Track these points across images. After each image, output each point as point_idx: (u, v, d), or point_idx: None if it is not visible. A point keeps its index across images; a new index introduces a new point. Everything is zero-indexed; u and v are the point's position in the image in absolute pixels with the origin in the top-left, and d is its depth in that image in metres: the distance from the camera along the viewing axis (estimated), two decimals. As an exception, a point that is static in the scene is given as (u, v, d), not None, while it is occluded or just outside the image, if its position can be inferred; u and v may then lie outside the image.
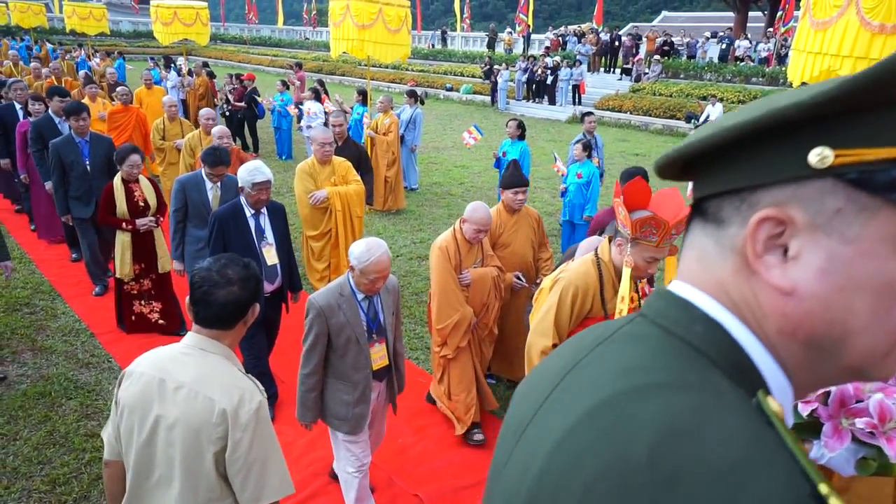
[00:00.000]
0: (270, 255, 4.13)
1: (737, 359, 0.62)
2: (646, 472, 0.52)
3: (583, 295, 2.89)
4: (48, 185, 6.37)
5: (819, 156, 0.56)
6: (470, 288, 4.02)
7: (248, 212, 4.06)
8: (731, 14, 30.69)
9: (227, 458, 1.75)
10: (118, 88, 8.84)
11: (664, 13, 46.39)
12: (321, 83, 12.80)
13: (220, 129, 6.12)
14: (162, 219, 5.30)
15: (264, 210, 4.12)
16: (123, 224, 5.05)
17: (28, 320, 5.54)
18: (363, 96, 10.59)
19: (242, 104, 12.57)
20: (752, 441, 0.53)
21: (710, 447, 0.52)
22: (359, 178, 5.57)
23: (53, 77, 11.18)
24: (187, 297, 1.88)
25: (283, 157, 12.69)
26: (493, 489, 0.74)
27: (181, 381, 1.79)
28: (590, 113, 8.42)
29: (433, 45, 31.53)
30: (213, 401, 1.76)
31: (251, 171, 3.91)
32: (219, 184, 4.83)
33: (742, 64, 21.12)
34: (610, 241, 2.91)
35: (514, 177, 4.47)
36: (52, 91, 6.89)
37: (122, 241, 5.12)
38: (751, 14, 28.10)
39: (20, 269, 6.65)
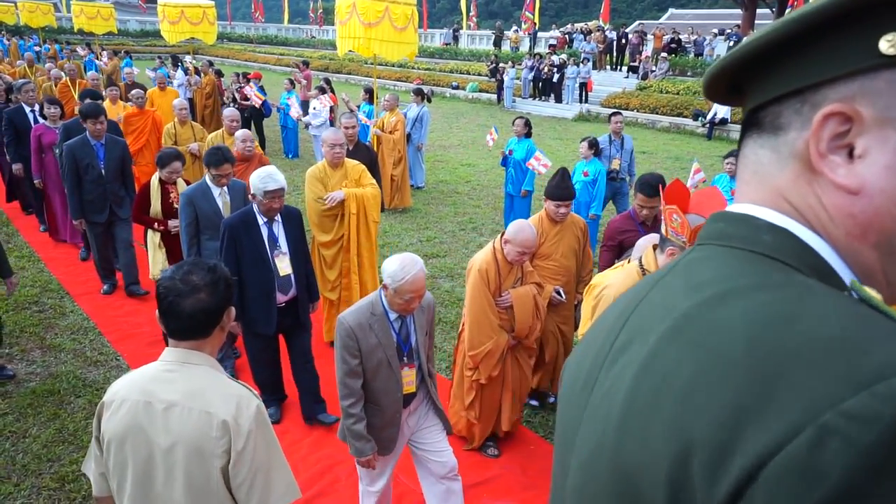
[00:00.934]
0: (283, 266, 3.94)
1: (813, 262, 0.58)
2: (748, 360, 0.48)
3: None
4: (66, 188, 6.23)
5: (891, 42, 0.53)
6: (511, 310, 3.76)
7: (261, 220, 3.89)
8: (738, 11, 30.51)
9: (231, 468, 1.66)
10: (132, 91, 8.63)
11: (671, 10, 46.14)
12: (327, 81, 12.81)
13: (244, 132, 5.98)
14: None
15: (278, 217, 3.95)
16: (155, 224, 5.05)
17: (37, 318, 5.57)
18: (370, 95, 10.59)
19: (248, 103, 12.59)
20: (862, 316, 0.49)
21: (816, 324, 0.48)
22: (374, 181, 5.32)
23: (68, 79, 10.88)
24: (157, 310, 1.76)
25: (290, 156, 12.72)
26: (565, 460, 0.69)
27: (170, 399, 1.68)
28: (617, 112, 8.27)
29: (448, 44, 31.35)
30: (209, 414, 1.66)
31: (263, 178, 3.72)
32: (226, 188, 4.66)
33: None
34: (655, 249, 2.69)
35: (559, 189, 4.17)
36: (84, 95, 6.73)
37: (154, 241, 5.12)
38: (759, 11, 27.91)
39: (29, 267, 6.69)
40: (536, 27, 27.80)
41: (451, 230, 8.48)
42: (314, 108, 11.43)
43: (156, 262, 5.14)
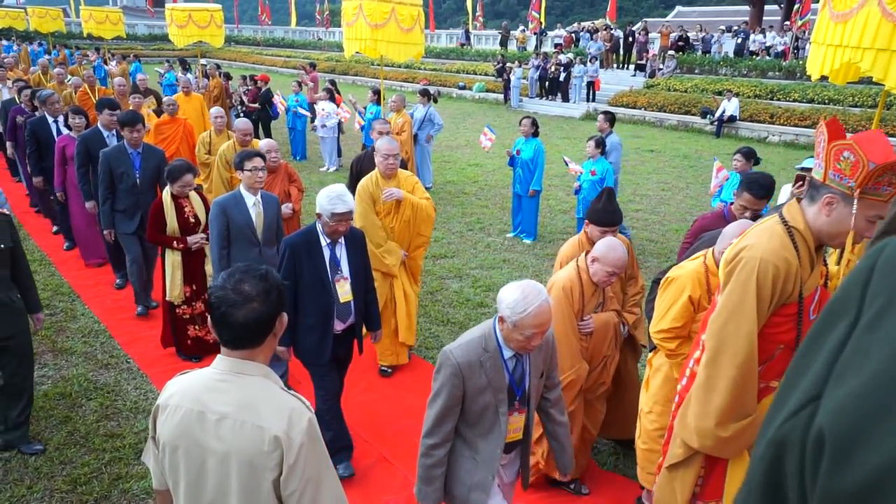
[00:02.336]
0: (344, 291, 3.65)
1: None
2: None
3: (784, 276, 2.20)
4: (89, 205, 6.07)
5: None
6: (591, 337, 3.42)
7: (324, 241, 3.59)
8: (745, 8, 30.36)
9: (283, 480, 1.68)
10: (165, 99, 8.30)
11: (678, 8, 45.94)
12: (333, 83, 12.85)
13: (269, 142, 5.80)
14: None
15: (341, 239, 3.66)
16: (174, 242, 4.78)
17: (48, 322, 5.60)
18: (377, 95, 10.61)
19: (257, 105, 12.65)
20: None
21: None
22: (428, 195, 4.99)
23: (87, 85, 10.57)
24: (209, 319, 1.76)
25: (298, 158, 12.75)
26: None
27: (223, 411, 1.68)
28: (605, 112, 8.28)
29: (463, 44, 31.22)
30: (262, 428, 1.66)
31: (332, 198, 3.40)
32: (259, 198, 4.46)
33: (758, 58, 20.87)
34: (800, 201, 2.27)
35: (606, 213, 3.69)
36: (101, 104, 6.58)
37: (172, 261, 4.83)
38: (766, 7, 27.76)
39: (40, 271, 6.73)
40: (542, 26, 27.74)
41: (459, 230, 8.47)
42: (322, 110, 11.46)
43: (174, 283, 4.83)
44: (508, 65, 22.12)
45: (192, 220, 4.85)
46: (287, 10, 45.63)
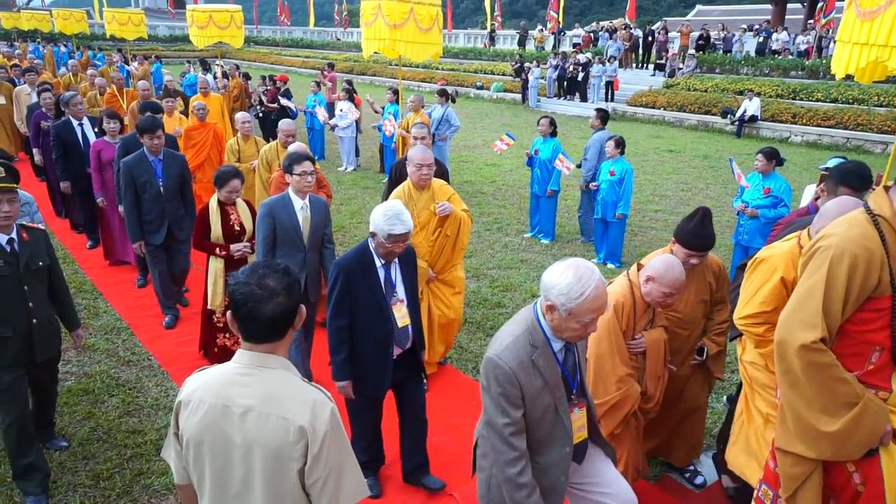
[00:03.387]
0: (402, 314, 3.39)
1: None
2: None
3: (865, 266, 2.06)
4: (122, 209, 5.82)
5: None
6: (642, 357, 3.19)
7: (378, 261, 3.31)
8: (767, 6, 29.98)
9: (307, 470, 1.72)
10: (195, 103, 8.18)
11: (698, 7, 45.52)
12: (349, 83, 12.90)
13: (299, 145, 5.66)
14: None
15: (395, 259, 3.39)
16: (217, 249, 4.69)
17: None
18: (395, 95, 10.63)
19: (275, 105, 12.74)
20: None
21: None
22: (465, 206, 4.75)
23: (114, 87, 10.43)
24: (228, 313, 1.79)
25: (316, 158, 12.81)
26: None
27: (247, 404, 1.72)
28: (598, 109, 8.31)
29: (487, 45, 31.11)
30: (286, 420, 1.70)
31: (389, 217, 3.11)
32: (307, 201, 4.28)
33: (780, 57, 20.59)
34: (888, 190, 2.17)
35: (699, 237, 3.24)
36: (144, 107, 6.43)
37: (215, 269, 4.74)
38: (789, 6, 27.37)
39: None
40: (560, 26, 27.63)
41: (477, 230, 8.46)
42: (341, 111, 11.51)
43: (216, 292, 4.75)
44: (526, 64, 22.06)
45: (237, 227, 4.74)
46: (306, 11, 45.91)
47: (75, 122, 6.95)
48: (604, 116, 8.07)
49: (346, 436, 1.82)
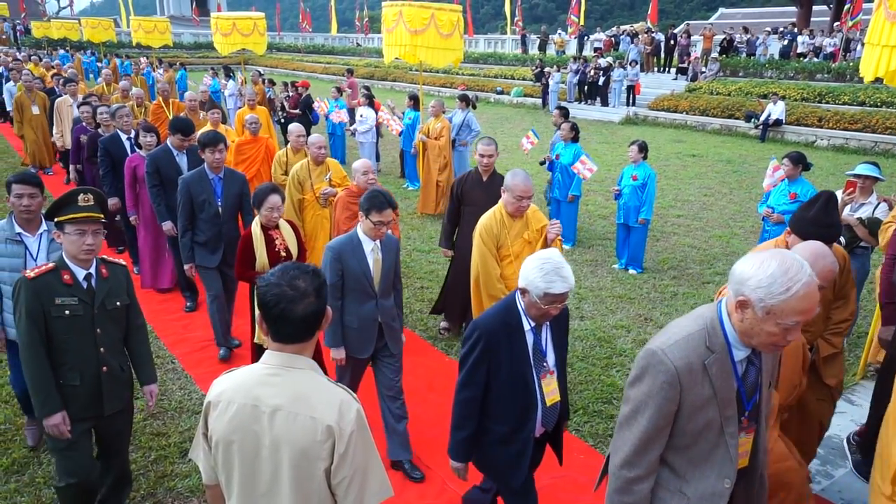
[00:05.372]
0: (551, 390, 2.74)
1: None
2: None
3: None
4: (166, 226, 5.64)
5: None
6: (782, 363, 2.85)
7: (528, 324, 2.68)
8: (791, 9, 29.61)
9: (333, 469, 1.75)
10: (247, 116, 7.83)
11: (721, 10, 45.06)
12: (367, 89, 12.99)
13: (364, 162, 5.17)
14: None
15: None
16: None
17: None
18: (414, 101, 10.67)
19: (297, 111, 12.87)
20: None
21: None
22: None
23: (161, 98, 9.89)
24: (258, 313, 1.81)
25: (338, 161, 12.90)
26: None
27: (276, 404, 1.74)
28: (559, 107, 8.90)
29: (526, 51, 30.83)
30: (314, 419, 1.72)
31: (547, 273, 2.49)
32: (378, 242, 3.67)
33: (805, 60, 20.29)
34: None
35: (822, 227, 2.82)
36: (175, 125, 5.85)
37: None
38: (815, 8, 26.99)
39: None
40: (581, 30, 27.54)
41: (497, 236, 8.43)
42: (361, 116, 11.58)
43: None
44: (547, 69, 22.01)
45: (283, 253, 4.31)
46: (327, 18, 46.35)
47: (123, 136, 6.61)
48: (566, 113, 8.69)
49: (371, 436, 1.83)
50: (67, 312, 2.83)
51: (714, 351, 1.85)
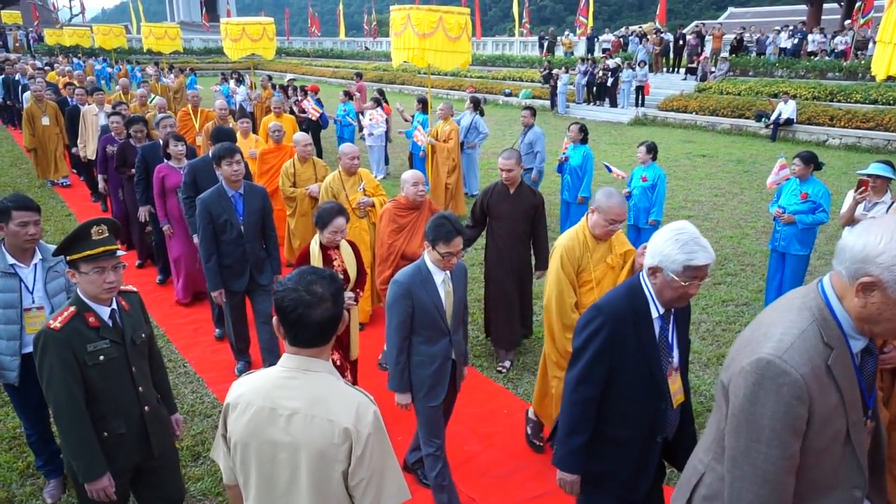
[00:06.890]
0: (676, 389, 2.46)
1: None
2: None
3: None
4: (197, 238, 5.18)
5: None
6: (888, 374, 2.72)
7: (656, 310, 2.36)
8: (801, 7, 29.39)
9: (350, 471, 1.76)
10: (271, 124, 7.61)
11: (730, 9, 44.82)
12: (381, 92, 13.03)
13: (415, 173, 4.77)
14: (361, 293, 4.20)
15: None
16: None
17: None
18: (423, 104, 10.69)
19: (306, 115, 12.93)
20: None
21: None
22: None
23: (191, 106, 9.65)
24: (274, 318, 1.81)
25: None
26: None
27: (293, 406, 1.75)
28: (528, 107, 9.13)
29: (543, 55, 30.78)
30: (332, 422, 1.73)
31: (686, 243, 2.26)
32: (448, 273, 3.28)
33: (816, 59, 20.14)
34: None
35: None
36: (217, 134, 5.64)
37: None
38: (825, 6, 26.78)
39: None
40: (590, 31, 27.47)
41: (507, 238, 8.43)
42: (372, 119, 11.62)
43: None
44: (555, 71, 21.98)
45: (340, 275, 3.96)
46: (336, 22, 46.58)
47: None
48: (534, 112, 9.02)
49: (388, 438, 1.84)
50: (102, 358, 2.55)
51: (833, 347, 1.55)
